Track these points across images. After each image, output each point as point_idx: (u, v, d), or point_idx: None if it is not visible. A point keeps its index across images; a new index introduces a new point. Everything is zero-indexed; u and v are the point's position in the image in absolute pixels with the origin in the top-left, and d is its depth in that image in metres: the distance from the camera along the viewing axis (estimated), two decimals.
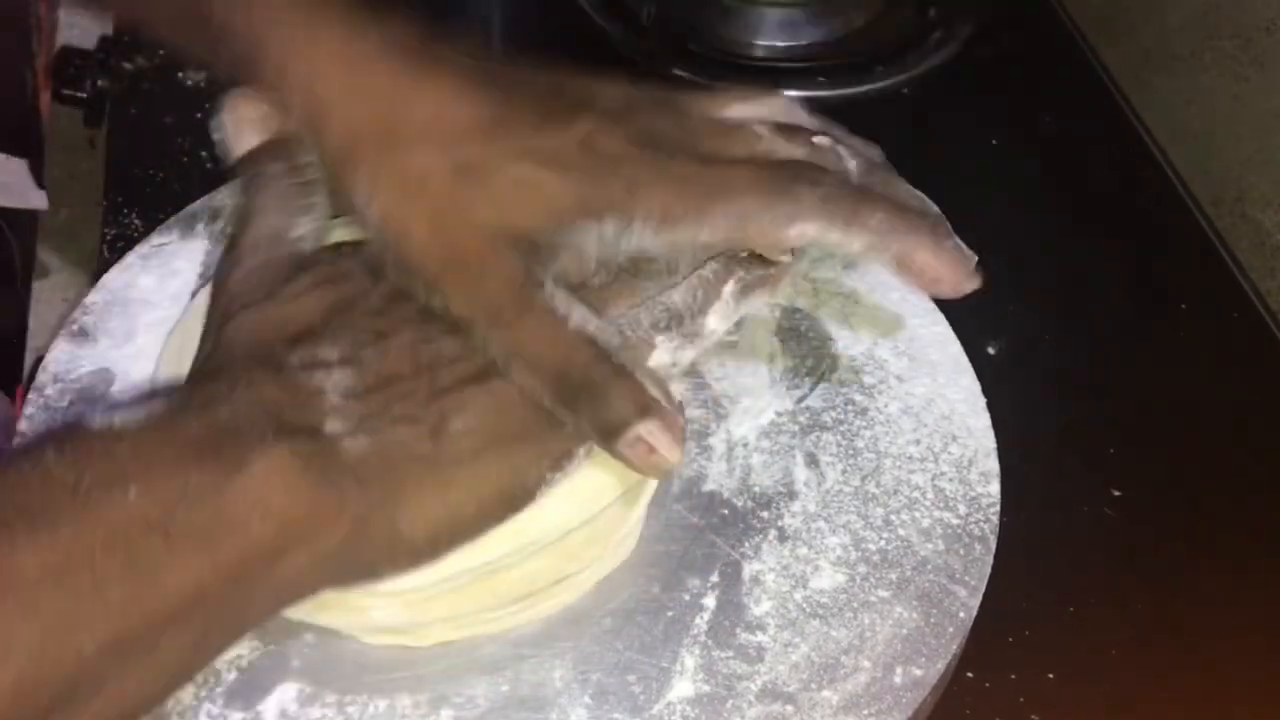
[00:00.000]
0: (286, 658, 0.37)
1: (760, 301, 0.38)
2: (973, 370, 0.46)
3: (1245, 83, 0.64)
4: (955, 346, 0.47)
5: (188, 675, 0.31)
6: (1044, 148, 0.65)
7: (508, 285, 0.34)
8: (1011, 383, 0.49)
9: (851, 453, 0.44)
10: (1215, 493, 0.50)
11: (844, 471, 0.43)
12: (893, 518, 0.42)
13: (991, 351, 0.53)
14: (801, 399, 0.45)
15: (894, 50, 0.68)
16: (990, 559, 0.41)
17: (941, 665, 0.38)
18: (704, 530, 0.41)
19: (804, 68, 0.67)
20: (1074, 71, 0.70)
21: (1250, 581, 0.47)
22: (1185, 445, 0.52)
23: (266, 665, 0.37)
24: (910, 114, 0.66)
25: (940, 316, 0.48)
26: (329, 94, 0.36)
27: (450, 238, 0.35)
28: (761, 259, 0.37)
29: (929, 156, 0.62)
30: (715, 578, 0.40)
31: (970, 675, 0.43)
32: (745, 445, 0.43)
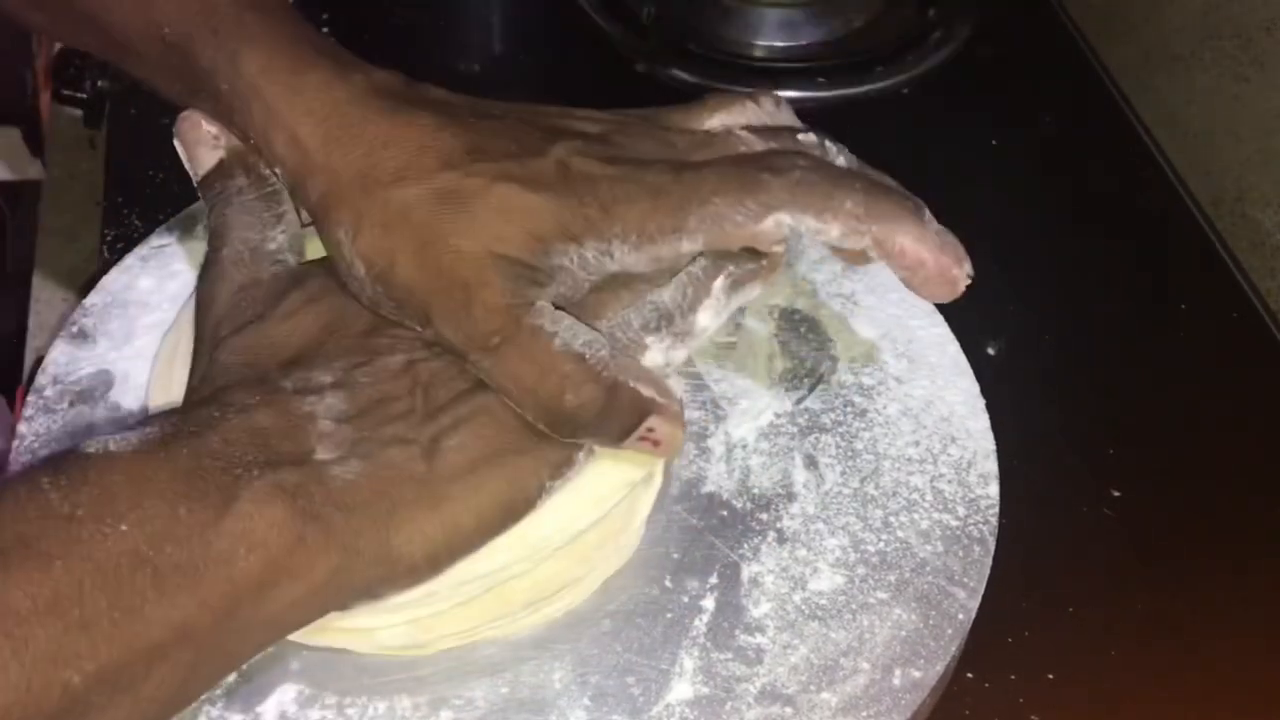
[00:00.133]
0: (286, 660, 0.37)
1: (753, 294, 0.38)
2: (972, 372, 0.46)
3: (1245, 83, 0.64)
4: (954, 348, 0.47)
5: (178, 708, 0.31)
6: (1044, 148, 0.65)
7: (494, 311, 0.34)
8: (1011, 383, 0.49)
9: (850, 454, 0.44)
10: (1215, 493, 0.50)
11: (843, 473, 0.43)
12: (892, 519, 0.42)
13: (991, 352, 0.53)
14: (800, 400, 0.45)
15: (894, 50, 0.68)
16: (989, 561, 0.41)
17: (941, 667, 0.38)
18: (703, 532, 0.41)
19: (804, 68, 0.67)
20: (1074, 71, 0.70)
21: (1250, 581, 0.47)
22: (1185, 445, 0.52)
23: (266, 667, 0.37)
24: (910, 114, 0.66)
25: (939, 318, 0.48)
26: (311, 144, 0.36)
27: (435, 267, 0.34)
28: (752, 251, 0.37)
29: (929, 156, 0.63)
30: (714, 579, 0.40)
31: (970, 676, 0.43)
32: (744, 447, 0.43)
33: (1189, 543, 0.48)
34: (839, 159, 0.37)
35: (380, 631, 0.37)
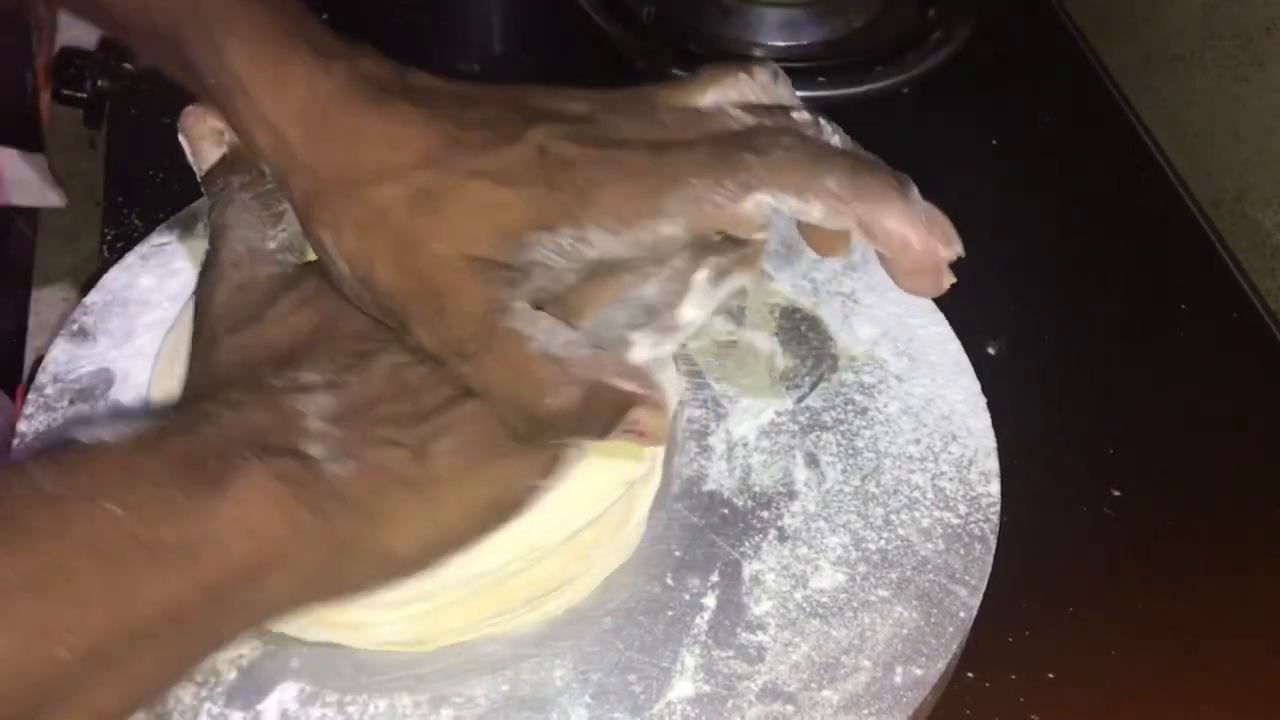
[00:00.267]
0: (287, 657, 0.37)
1: (738, 285, 0.36)
2: (973, 370, 0.46)
3: (1245, 83, 0.64)
4: (955, 346, 0.47)
5: (164, 687, 0.31)
6: (1044, 148, 0.65)
7: (470, 318, 0.33)
8: (1011, 383, 0.49)
9: (851, 452, 0.44)
10: (1215, 493, 0.50)
11: (844, 471, 0.43)
12: (893, 517, 0.42)
13: (991, 351, 0.53)
14: (801, 399, 0.45)
15: (894, 50, 0.68)
16: (990, 558, 0.41)
17: (942, 665, 0.38)
18: (704, 530, 0.41)
19: (804, 68, 0.67)
20: (1074, 71, 0.70)
21: (1250, 581, 0.47)
22: (1185, 445, 0.52)
23: (267, 665, 0.37)
24: (910, 114, 0.66)
25: (940, 316, 0.48)
26: (294, 141, 0.35)
27: (413, 271, 0.34)
28: (734, 241, 0.36)
29: (929, 156, 0.62)
30: (715, 577, 0.40)
31: (970, 675, 0.43)
32: (745, 445, 0.43)
33: (1189, 543, 0.48)
34: (833, 138, 0.36)
35: (380, 627, 0.37)
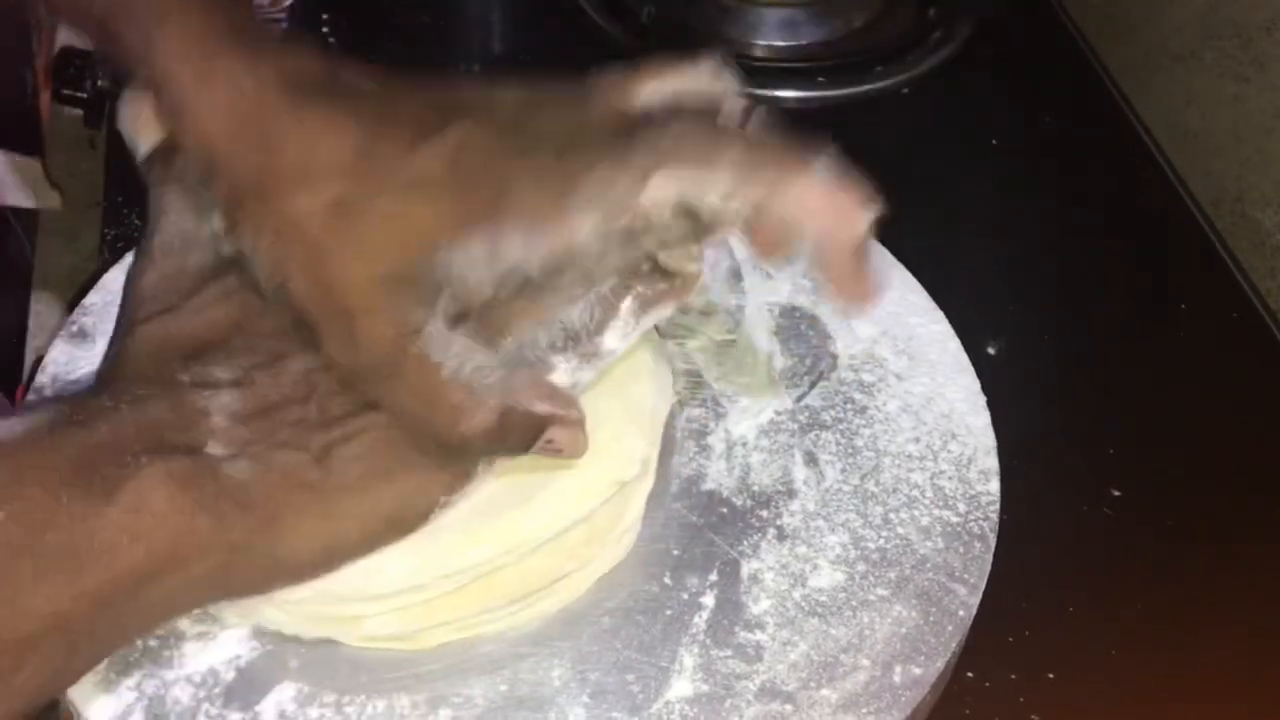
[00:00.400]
0: (284, 658, 0.37)
1: (663, 315, 0.36)
2: (972, 368, 0.46)
3: (1245, 83, 0.64)
4: (955, 344, 0.47)
5: (48, 696, 0.31)
6: (1044, 148, 0.65)
7: (380, 341, 0.33)
8: (1011, 383, 0.49)
9: (850, 451, 0.44)
10: (1215, 493, 0.50)
11: (843, 470, 0.43)
12: (892, 516, 0.42)
13: (991, 351, 0.53)
14: (800, 398, 0.45)
15: (894, 50, 0.68)
16: (990, 557, 0.41)
17: (941, 664, 0.38)
18: (703, 529, 0.41)
19: (804, 68, 0.67)
20: (1074, 71, 0.70)
21: (1250, 581, 0.47)
22: (1185, 445, 0.52)
23: (264, 665, 0.37)
24: (910, 114, 0.66)
25: (940, 315, 0.48)
26: (216, 141, 0.34)
27: (326, 286, 0.33)
28: (663, 272, 0.35)
29: (929, 156, 0.63)
30: (714, 576, 0.40)
31: (970, 674, 0.43)
32: (744, 444, 0.43)
33: (1189, 543, 0.48)
34: (761, 131, 0.34)
35: (368, 620, 0.36)
